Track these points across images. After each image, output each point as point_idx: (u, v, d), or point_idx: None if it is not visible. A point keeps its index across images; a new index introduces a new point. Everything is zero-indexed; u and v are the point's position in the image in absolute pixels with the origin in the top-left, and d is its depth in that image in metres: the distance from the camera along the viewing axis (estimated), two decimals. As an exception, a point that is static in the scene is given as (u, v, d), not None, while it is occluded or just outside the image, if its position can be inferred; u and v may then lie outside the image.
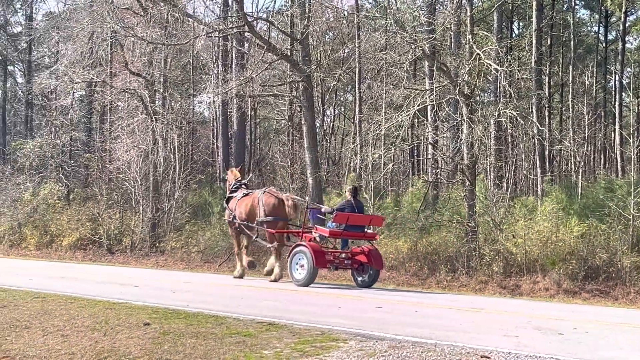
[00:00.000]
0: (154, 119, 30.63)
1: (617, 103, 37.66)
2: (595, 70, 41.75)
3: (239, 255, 21.27)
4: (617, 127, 36.25)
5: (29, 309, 12.91)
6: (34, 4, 52.41)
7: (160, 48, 31.91)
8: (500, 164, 26.43)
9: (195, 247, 27.20)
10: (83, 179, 40.01)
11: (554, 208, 21.58)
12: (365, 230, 19.31)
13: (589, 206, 23.54)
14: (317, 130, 34.25)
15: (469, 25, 23.59)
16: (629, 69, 44.14)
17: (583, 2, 46.28)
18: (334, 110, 42.74)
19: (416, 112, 24.35)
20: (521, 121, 24.59)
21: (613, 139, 39.67)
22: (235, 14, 28.94)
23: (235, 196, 21.39)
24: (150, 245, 29.37)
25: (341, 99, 44.98)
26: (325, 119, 41.18)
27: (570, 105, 36.98)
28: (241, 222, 20.86)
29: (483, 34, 27.35)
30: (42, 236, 33.30)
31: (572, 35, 38.88)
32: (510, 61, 24.46)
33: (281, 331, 10.45)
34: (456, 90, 22.02)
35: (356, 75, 32.01)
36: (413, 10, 24.48)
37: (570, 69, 38.17)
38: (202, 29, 29.87)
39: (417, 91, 25.33)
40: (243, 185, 21.85)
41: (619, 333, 11.28)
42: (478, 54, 21.61)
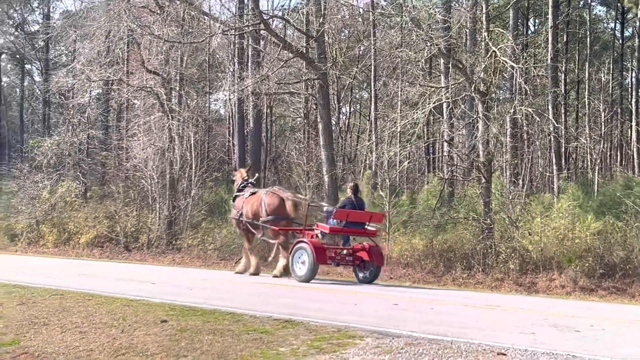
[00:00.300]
0: (170, 117, 30.68)
1: (634, 100, 37.46)
2: (611, 67, 41.55)
3: (249, 250, 21.50)
4: (634, 124, 36.06)
5: (47, 306, 12.98)
6: (51, 2, 52.83)
7: (176, 46, 31.94)
8: (516, 161, 26.36)
9: (211, 245, 27.24)
10: (100, 177, 40.14)
11: (571, 205, 21.50)
12: (365, 226, 19.42)
13: (605, 203, 23.46)
14: (333, 128, 34.25)
15: (484, 22, 23.52)
16: (645, 66, 43.86)
17: (599, -1, 46.08)
18: (350, 107, 42.73)
19: (432, 110, 24.31)
20: (537, 118, 24.51)
21: (630, 135, 39.44)
22: (251, 12, 28.95)
23: (242, 195, 21.64)
24: (166, 242, 29.43)
25: (357, 96, 44.95)
26: (341, 116, 41.18)
27: (586, 102, 36.85)
28: (247, 221, 21.10)
29: (499, 31, 27.33)
30: (60, 234, 33.42)
31: (588, 32, 38.72)
32: (526, 58, 24.38)
33: (297, 328, 10.47)
34: (472, 88, 21.96)
35: (372, 72, 31.95)
36: (429, 7, 24.47)
37: (587, 66, 38.02)
38: (218, 27, 29.91)
39: (433, 89, 25.29)
40: (249, 185, 22.06)
41: (636, 330, 11.24)
42: (494, 51, 21.56)
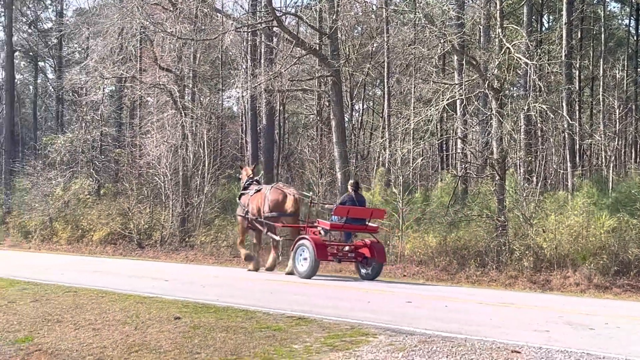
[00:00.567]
0: (183, 114, 30.72)
1: (649, 96, 37.30)
2: (626, 63, 41.34)
3: (242, 245, 22.14)
4: (649, 121, 35.90)
5: (60, 303, 13.02)
6: (64, 0, 52.82)
7: (189, 43, 31.99)
8: (530, 158, 26.24)
9: (224, 242, 27.27)
10: (113, 174, 40.25)
11: (585, 202, 21.41)
12: (366, 223, 19.60)
13: (620, 200, 23.35)
14: (346, 125, 34.22)
15: (498, 18, 23.44)
16: (660, 62, 43.67)
17: (613, -5, 45.90)
18: (363, 104, 42.61)
19: (445, 107, 24.23)
20: (551, 115, 24.42)
21: (644, 132, 39.27)
22: (264, 9, 28.93)
23: (248, 192, 21.83)
24: (179, 239, 29.50)
25: (370, 93, 44.85)
26: (354, 113, 41.09)
27: (600, 99, 36.68)
28: (252, 218, 21.34)
29: (513, 27, 27.22)
30: (73, 231, 33.53)
31: (603, 29, 38.52)
32: (540, 55, 24.30)
33: (311, 325, 10.47)
34: (485, 84, 21.91)
35: (385, 69, 31.90)
36: (442, 4, 24.37)
37: (601, 63, 37.84)
38: (231, 24, 29.91)
39: (446, 85, 25.23)
40: (255, 182, 22.22)
41: (651, 328, 11.19)
42: (508, 47, 21.49)
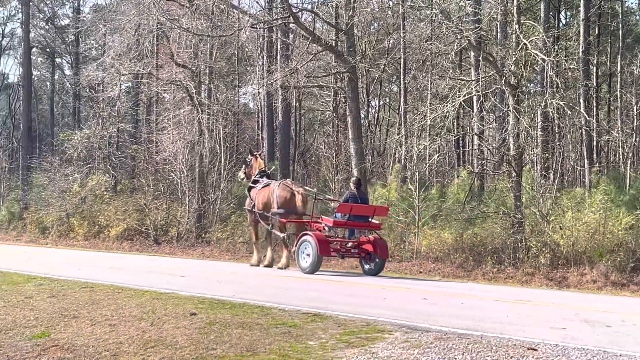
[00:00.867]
0: (199, 111, 30.79)
1: (667, 93, 37.04)
2: (644, 59, 41.07)
3: (255, 244, 22.02)
4: (667, 118, 35.66)
5: (77, 299, 13.06)
6: (81, -4, 52.97)
7: (205, 40, 32.06)
8: (547, 154, 26.14)
9: (240, 238, 27.32)
10: (130, 170, 40.40)
11: (602, 199, 21.31)
12: (369, 220, 19.71)
13: (638, 197, 23.23)
14: (362, 121, 34.17)
15: (515, 14, 23.35)
16: (678, 59, 43.36)
17: (632, -9, 45.60)
18: (379, 101, 42.58)
19: (462, 103, 24.19)
20: (568, 112, 24.35)
21: (663, 129, 39.01)
22: (280, 5, 28.96)
23: (256, 187, 21.82)
24: (196, 235, 29.58)
25: (386, 89, 44.75)
26: (370, 109, 41.07)
27: (618, 96, 36.46)
28: (258, 212, 21.40)
29: (530, 23, 27.10)
30: (90, 227, 33.70)
31: (621, 25, 38.27)
32: (557, 51, 24.21)
33: (326, 322, 10.46)
34: (502, 81, 21.83)
35: (401, 66, 31.85)
36: (459, 0, 24.30)
37: (619, 59, 37.60)
38: (247, 20, 29.92)
39: (463, 82, 25.15)
40: (265, 176, 22.19)
41: (669, 326, 11.12)
42: (525, 44, 21.40)
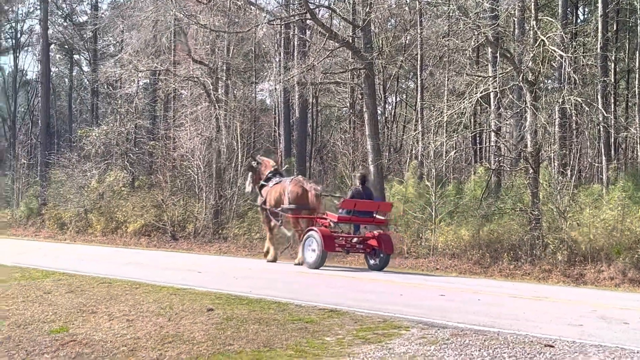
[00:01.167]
0: (217, 107, 30.83)
1: (685, 89, 36.77)
2: (662, 56, 40.81)
3: (271, 240, 22.00)
4: (686, 114, 35.42)
5: (95, 294, 13.14)
6: (99, -7, 53.12)
7: (222, 36, 32.09)
8: (565, 151, 26.05)
9: (257, 234, 27.34)
10: (147, 166, 40.53)
11: (620, 196, 21.21)
12: (374, 215, 19.86)
13: (656, 194, 23.10)
14: (379, 118, 34.15)
15: (533, 10, 23.26)
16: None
17: (651, -14, 45.23)
18: (396, 97, 42.49)
19: (479, 99, 24.10)
20: (586, 108, 24.23)
21: (681, 126, 38.73)
22: (297, 2, 28.94)
23: (268, 184, 21.94)
24: (213, 232, 29.64)
25: (403, 86, 44.69)
26: (386, 106, 41.01)
27: (636, 92, 36.18)
28: (269, 208, 21.53)
29: (547, 19, 26.97)
30: (108, 222, 33.83)
31: (639, 21, 38.05)
32: (575, 47, 24.08)
33: (343, 318, 10.48)
34: (520, 77, 21.75)
35: (418, 62, 31.79)
36: (476, -4, 24.22)
37: (637, 55, 37.32)
38: (264, 16, 29.93)
39: (480, 78, 25.10)
40: (278, 174, 22.25)
41: (687, 323, 11.07)
42: (542, 40, 21.32)
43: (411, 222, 24.26)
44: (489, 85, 24.25)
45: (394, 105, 42.34)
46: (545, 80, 35.47)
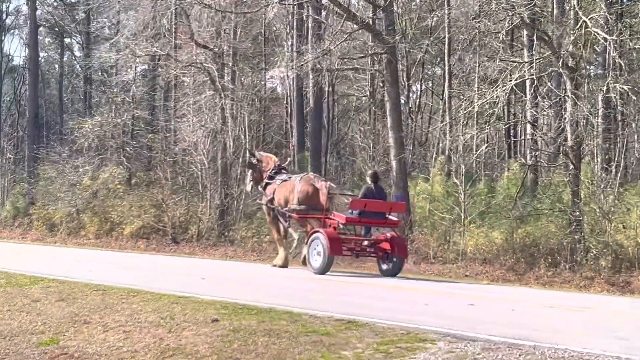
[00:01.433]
0: (222, 96, 30.88)
1: None
2: None
3: (279, 241, 22.02)
4: None
5: (88, 303, 13.20)
6: (92, -30, 53.17)
7: (228, 17, 32.11)
8: (609, 145, 25.95)
9: (267, 237, 27.32)
10: (146, 162, 40.58)
11: (672, 195, 21.17)
12: (386, 216, 19.88)
13: None
14: (402, 108, 34.08)
15: (574, -12, 23.21)
16: None
17: None
18: (421, 85, 42.43)
19: (513, 87, 24.10)
20: (633, 97, 24.12)
21: None
22: (311, -21, 28.97)
23: (274, 182, 21.90)
24: (218, 234, 29.69)
25: (429, 72, 44.62)
26: (411, 95, 40.95)
27: (690, 79, 36.12)
28: (277, 208, 21.56)
29: (590, -2, 26.89)
30: (102, 224, 33.94)
31: (693, 0, 37.90)
32: (621, 29, 23.97)
33: (362, 330, 10.48)
34: (559, 63, 21.70)
35: (445, 46, 31.71)
36: (510, -28, 24.16)
37: (691, 38, 37.24)
38: (275, -5, 29.97)
39: (515, 64, 25.05)
40: (283, 170, 22.27)
41: None
42: (584, 21, 21.25)
43: (438, 224, 24.25)
44: (525, 71, 24.18)
45: (418, 94, 42.29)
46: (588, 66, 35.33)
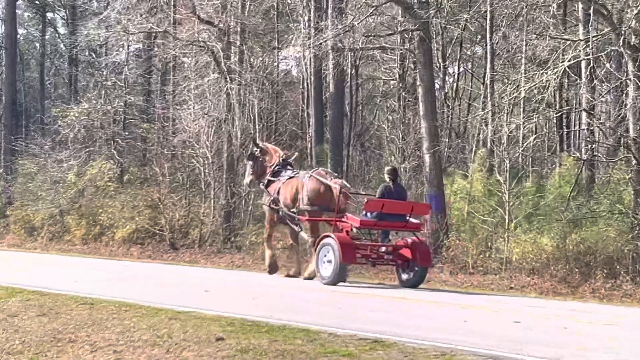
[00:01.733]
0: (228, 79, 30.91)
1: None
2: None
3: (267, 242, 22.58)
4: None
5: (73, 318, 13.22)
6: None
7: (236, -12, 32.18)
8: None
9: (280, 243, 27.33)
10: (140, 155, 40.67)
11: None
12: (407, 219, 19.92)
13: None
14: (437, 94, 34.07)
15: (637, -46, 23.12)
16: None
17: None
18: (459, 67, 42.39)
19: (566, 70, 24.01)
20: None
21: None
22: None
23: (279, 179, 22.01)
24: (223, 239, 29.73)
25: (468, 52, 44.59)
26: (447, 78, 40.90)
27: None
28: (284, 209, 21.66)
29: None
30: (90, 227, 34.04)
31: None
32: (692, 2, 23.89)
33: (389, 350, 10.47)
34: (619, 41, 21.60)
35: (487, 22, 31.68)
36: (563, -64, 24.12)
37: None
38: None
39: (568, 42, 24.96)
40: (289, 166, 22.26)
41: None
42: (650, -8, 21.19)
43: (478, 228, 24.22)
44: (580, 51, 24.09)
45: (456, 77, 42.24)
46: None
